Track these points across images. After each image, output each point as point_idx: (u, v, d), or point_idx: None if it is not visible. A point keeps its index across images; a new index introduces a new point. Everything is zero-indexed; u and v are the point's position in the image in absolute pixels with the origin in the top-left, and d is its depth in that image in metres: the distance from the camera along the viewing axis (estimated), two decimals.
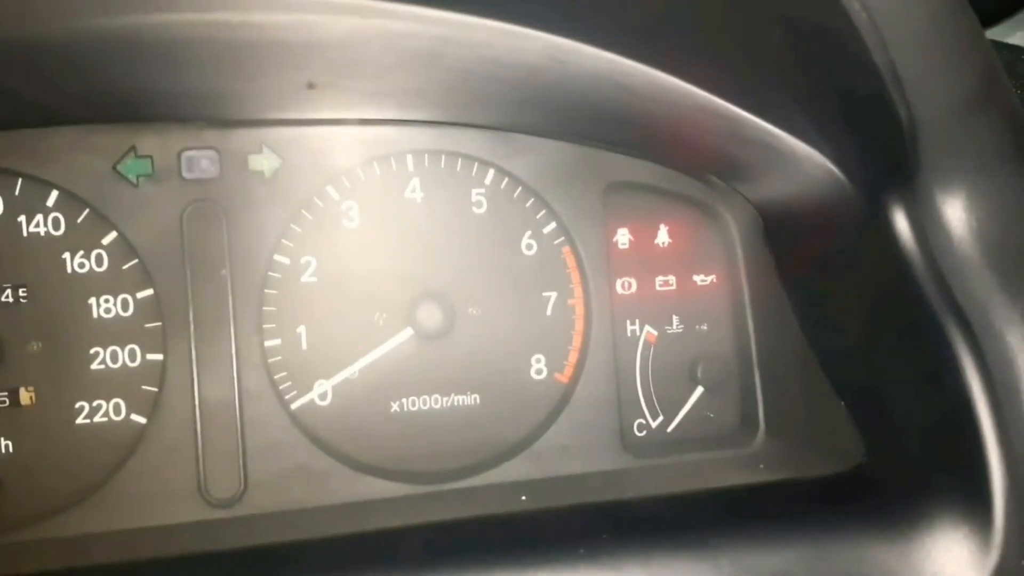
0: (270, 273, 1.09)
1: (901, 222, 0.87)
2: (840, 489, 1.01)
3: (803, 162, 0.96)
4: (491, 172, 1.17)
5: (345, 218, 1.13)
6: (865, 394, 1.05)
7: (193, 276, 1.06)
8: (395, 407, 1.15)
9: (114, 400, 1.06)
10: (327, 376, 1.11)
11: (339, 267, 1.12)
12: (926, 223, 0.85)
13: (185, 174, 1.09)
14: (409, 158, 1.14)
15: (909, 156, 0.84)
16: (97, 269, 1.06)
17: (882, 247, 0.89)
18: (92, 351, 1.04)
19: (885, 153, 0.87)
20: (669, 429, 1.25)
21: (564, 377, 1.20)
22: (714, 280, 1.27)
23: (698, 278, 1.27)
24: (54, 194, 1.02)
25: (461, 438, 1.17)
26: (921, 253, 0.87)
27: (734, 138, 1.01)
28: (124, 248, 1.07)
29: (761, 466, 1.18)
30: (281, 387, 1.09)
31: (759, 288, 1.23)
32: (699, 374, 1.25)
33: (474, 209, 1.17)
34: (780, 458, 1.19)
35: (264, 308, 1.09)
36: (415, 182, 1.14)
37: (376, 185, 1.14)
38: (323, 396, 1.12)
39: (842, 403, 1.08)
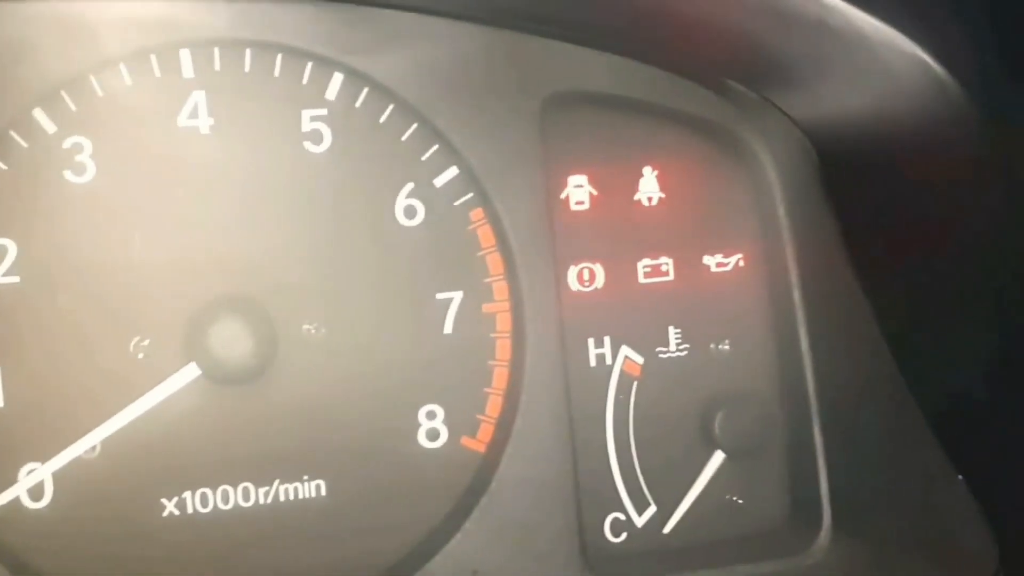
0: None
1: None
2: None
3: (883, 55, 0.96)
4: (338, 78, 1.16)
5: (69, 168, 1.11)
6: (1000, 460, 1.07)
7: None
8: (171, 507, 1.13)
9: None
10: (42, 456, 1.10)
11: (60, 258, 1.11)
12: None
13: None
14: (185, 56, 1.13)
15: None
16: None
17: (1017, 195, 0.92)
18: None
19: (1017, 38, 0.88)
20: (666, 529, 1.26)
21: (478, 444, 1.19)
22: (740, 262, 1.28)
23: (712, 260, 1.28)
24: None
25: (294, 559, 1.15)
26: None
27: (769, 13, 1.01)
28: None
29: None
30: None
31: (817, 274, 1.23)
32: (717, 430, 1.24)
33: (308, 146, 1.16)
34: (858, 570, 1.20)
35: None
36: (198, 100, 1.13)
37: (126, 106, 1.12)
38: (36, 493, 1.11)
39: (959, 476, 1.09)
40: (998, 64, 0.92)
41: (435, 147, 1.18)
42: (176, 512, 1.13)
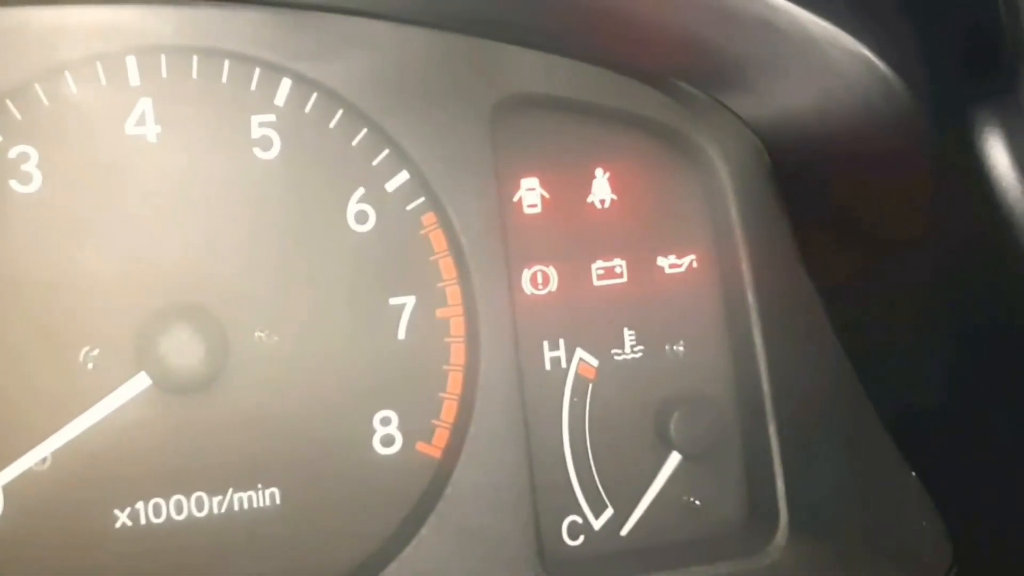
0: None
1: (999, 155, 0.89)
2: None
3: (829, 54, 0.96)
4: (286, 84, 1.16)
5: (15, 178, 1.11)
6: (954, 459, 1.07)
7: None
8: (124, 518, 1.13)
9: None
10: None
11: (7, 268, 1.10)
12: None
13: None
14: (131, 63, 1.13)
15: (1009, 41, 0.87)
16: None
17: (968, 196, 0.91)
18: None
19: (965, 37, 0.89)
20: (624, 531, 1.26)
21: (434, 449, 1.20)
22: (693, 264, 1.28)
23: (666, 262, 1.28)
24: None
25: (248, 569, 1.15)
26: None
27: (714, 14, 1.02)
28: None
29: None
30: None
31: (771, 275, 1.24)
32: (673, 431, 1.25)
33: (257, 152, 1.16)
34: (814, 570, 1.20)
35: None
36: (144, 107, 1.13)
37: (72, 115, 1.12)
38: None
39: (913, 474, 1.10)
40: (943, 62, 0.92)
41: (386, 152, 1.18)
42: (129, 523, 1.12)
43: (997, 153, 0.88)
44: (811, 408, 1.22)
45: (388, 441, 1.18)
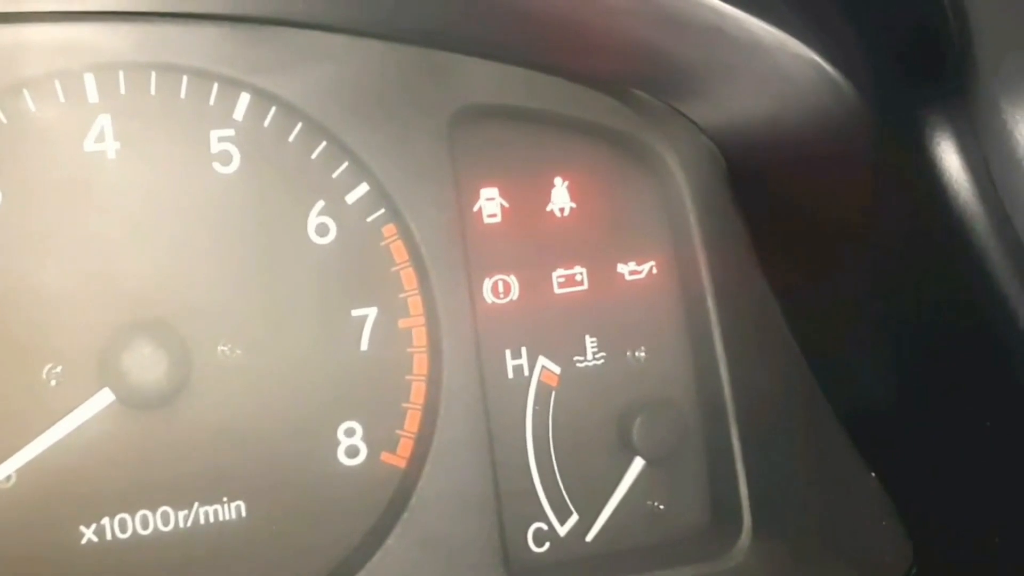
0: None
1: (948, 157, 0.90)
2: None
3: (780, 60, 0.98)
4: (245, 98, 1.17)
5: None
6: (911, 459, 1.08)
7: None
8: (90, 534, 1.13)
9: None
10: None
11: None
12: (992, 158, 0.89)
13: None
14: (89, 80, 1.13)
15: (956, 45, 0.88)
16: None
17: (918, 198, 0.92)
18: None
19: (913, 40, 0.91)
20: (589, 537, 1.26)
21: (398, 459, 1.20)
22: (653, 270, 1.29)
23: (626, 268, 1.29)
24: None
25: None
26: (985, 208, 0.89)
27: (665, 22, 1.03)
28: None
29: None
30: None
31: (729, 280, 1.25)
32: (635, 437, 1.25)
33: (217, 167, 1.16)
34: (778, 571, 1.22)
35: None
36: (103, 124, 1.13)
37: (31, 132, 1.12)
38: None
39: (872, 474, 1.12)
40: (892, 66, 0.94)
41: (345, 164, 1.18)
42: (95, 539, 1.12)
43: (946, 155, 0.90)
44: (772, 411, 1.23)
45: (352, 452, 1.18)
